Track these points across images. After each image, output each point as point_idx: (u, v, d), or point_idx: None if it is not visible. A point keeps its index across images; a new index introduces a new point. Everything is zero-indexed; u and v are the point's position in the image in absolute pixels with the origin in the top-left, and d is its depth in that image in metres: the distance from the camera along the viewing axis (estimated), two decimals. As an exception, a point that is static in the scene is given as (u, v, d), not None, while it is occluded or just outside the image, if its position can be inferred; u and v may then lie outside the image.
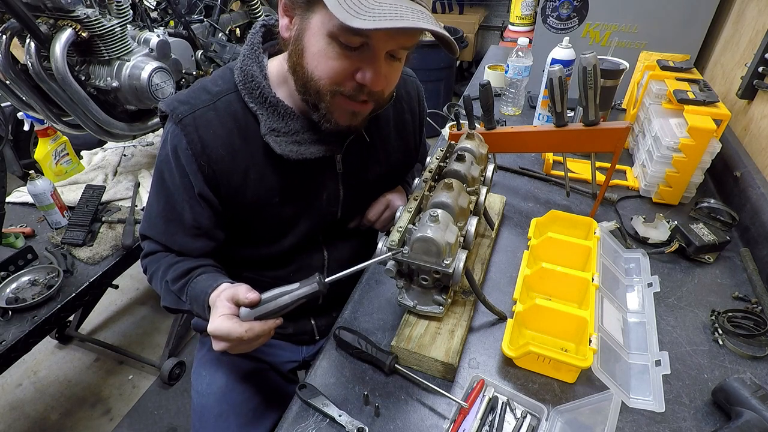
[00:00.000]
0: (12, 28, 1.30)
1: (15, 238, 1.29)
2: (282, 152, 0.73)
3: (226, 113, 0.74)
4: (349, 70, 0.65)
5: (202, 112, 0.73)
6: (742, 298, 0.86)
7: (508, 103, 1.61)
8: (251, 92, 0.73)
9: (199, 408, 0.92)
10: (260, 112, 0.73)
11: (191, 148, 0.73)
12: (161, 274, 0.79)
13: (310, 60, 0.66)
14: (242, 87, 0.74)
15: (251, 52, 0.75)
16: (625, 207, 1.12)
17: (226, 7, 1.98)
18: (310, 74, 0.67)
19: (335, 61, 0.64)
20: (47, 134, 1.55)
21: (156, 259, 0.82)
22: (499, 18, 4.21)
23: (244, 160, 0.76)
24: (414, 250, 0.68)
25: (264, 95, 0.73)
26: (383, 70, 0.66)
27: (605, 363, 0.68)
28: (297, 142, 0.75)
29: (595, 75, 0.86)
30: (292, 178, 0.80)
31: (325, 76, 0.66)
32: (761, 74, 1.12)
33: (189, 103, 0.74)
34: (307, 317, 1.01)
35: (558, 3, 1.53)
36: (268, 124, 0.73)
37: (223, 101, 0.74)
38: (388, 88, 0.72)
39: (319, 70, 0.66)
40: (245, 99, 0.74)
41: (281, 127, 0.74)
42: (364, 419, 0.67)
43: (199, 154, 0.73)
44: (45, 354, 1.96)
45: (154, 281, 0.82)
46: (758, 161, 1.09)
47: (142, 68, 1.40)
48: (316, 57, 0.65)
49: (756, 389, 0.63)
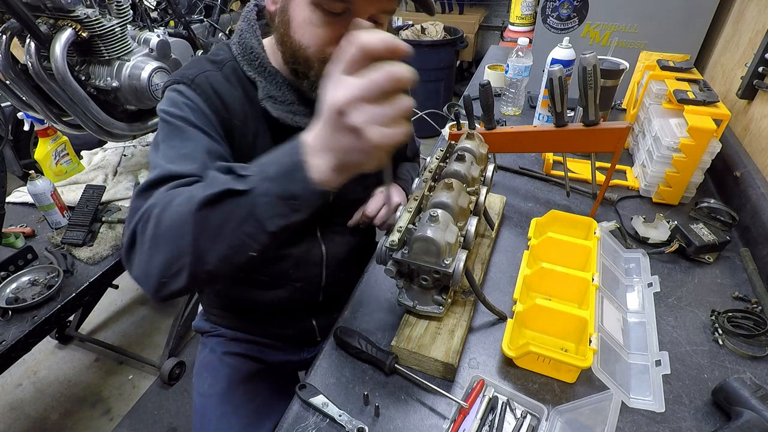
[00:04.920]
0: (12, 28, 1.30)
1: (15, 238, 1.29)
2: (278, 116, 0.74)
3: (234, 77, 0.75)
4: (335, 36, 0.67)
5: (212, 74, 0.73)
6: (742, 298, 0.86)
7: (508, 103, 1.60)
8: (251, 62, 0.75)
9: (201, 409, 0.92)
10: (259, 79, 0.75)
11: (209, 103, 0.70)
12: (191, 189, 0.54)
13: (297, 29, 0.68)
14: (241, 58, 0.76)
15: (249, 27, 0.77)
16: (625, 207, 1.12)
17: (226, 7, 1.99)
18: (298, 43, 0.68)
19: (320, 28, 0.66)
20: (47, 134, 1.55)
21: (175, 191, 0.56)
22: (499, 18, 4.21)
23: (254, 124, 0.76)
24: (414, 250, 0.68)
25: (263, 65, 0.75)
26: None
27: (605, 363, 0.68)
28: (292, 112, 0.76)
29: (595, 75, 0.86)
30: None
31: (312, 44, 0.68)
32: (761, 74, 1.12)
33: (195, 68, 0.73)
34: (309, 318, 1.01)
35: (558, 3, 1.53)
36: (266, 90, 0.75)
37: (227, 67, 0.76)
38: None
39: (306, 38, 0.68)
40: (244, 68, 0.76)
41: (278, 95, 0.75)
42: (364, 419, 0.66)
43: (219, 109, 0.71)
44: (45, 354, 1.96)
45: (174, 202, 0.52)
46: (758, 161, 1.09)
47: (142, 68, 1.40)
48: (301, 26, 0.67)
49: (756, 389, 0.63)
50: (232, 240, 0.49)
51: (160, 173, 0.58)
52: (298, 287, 0.93)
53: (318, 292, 0.97)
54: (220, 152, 0.67)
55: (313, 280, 0.94)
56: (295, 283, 0.92)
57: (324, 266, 0.93)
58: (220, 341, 1.01)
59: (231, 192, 0.48)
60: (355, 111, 0.42)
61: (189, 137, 0.65)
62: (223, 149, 0.69)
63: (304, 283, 0.93)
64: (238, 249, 0.50)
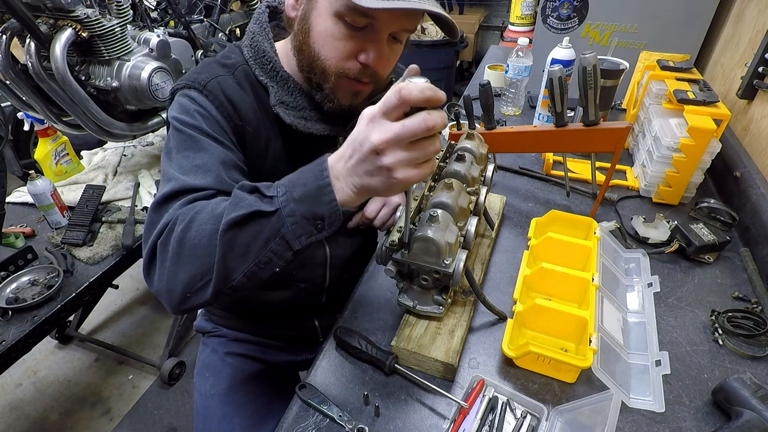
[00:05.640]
0: (12, 28, 1.30)
1: (15, 238, 1.29)
2: (291, 122, 0.74)
3: (246, 81, 0.74)
4: (354, 50, 0.67)
5: (224, 79, 0.72)
6: (742, 298, 0.86)
7: (508, 103, 1.60)
8: (263, 66, 0.74)
9: (203, 410, 0.92)
10: (271, 84, 0.74)
11: (221, 110, 0.69)
12: (212, 206, 0.55)
13: (316, 39, 0.67)
14: (253, 62, 0.74)
15: (261, 29, 0.76)
16: (625, 207, 1.12)
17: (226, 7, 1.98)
18: (316, 54, 0.68)
19: (340, 41, 0.66)
20: (47, 134, 1.55)
21: (195, 205, 0.57)
22: (499, 18, 4.21)
23: (266, 129, 0.75)
24: (414, 251, 0.68)
25: (275, 69, 0.74)
26: (385, 51, 0.68)
27: (605, 363, 0.68)
28: (304, 118, 0.75)
29: (595, 75, 0.86)
30: (300, 157, 0.80)
31: (331, 56, 0.67)
32: (761, 74, 1.12)
33: (207, 72, 0.72)
34: (311, 318, 1.01)
35: (558, 3, 1.53)
36: (278, 96, 0.74)
37: (240, 71, 0.74)
38: (387, 70, 0.73)
39: (326, 49, 0.67)
40: (256, 72, 0.74)
41: (290, 101, 0.74)
42: (364, 419, 0.66)
43: (232, 115, 0.70)
44: (45, 354, 1.96)
45: (197, 219, 0.54)
46: (758, 161, 1.09)
47: (142, 68, 1.40)
48: (322, 36, 0.67)
49: (756, 389, 0.63)
50: (259, 258, 0.52)
51: (176, 186, 0.59)
52: (302, 288, 0.93)
53: (321, 292, 0.97)
54: (234, 161, 0.67)
55: (316, 280, 0.94)
56: (299, 284, 0.92)
57: (328, 267, 0.93)
58: (222, 341, 1.01)
59: (259, 213, 0.51)
60: (389, 153, 0.47)
61: (202, 147, 0.64)
62: (236, 157, 0.68)
63: (307, 284, 0.93)
64: (264, 266, 0.53)
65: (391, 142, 0.46)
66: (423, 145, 0.48)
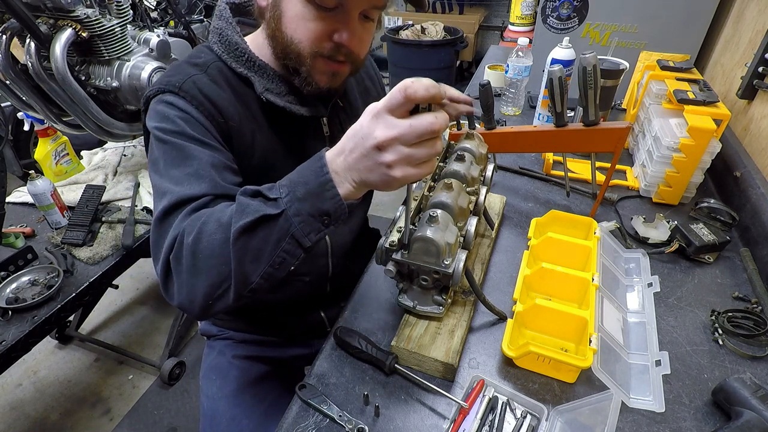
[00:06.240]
0: (12, 28, 1.30)
1: (15, 238, 1.29)
2: (284, 104, 0.74)
3: (221, 78, 0.73)
4: (327, 31, 0.67)
5: (198, 77, 0.70)
6: (742, 298, 0.86)
7: (508, 103, 1.60)
8: (238, 58, 0.74)
9: (210, 412, 0.91)
10: (251, 74, 0.74)
11: (201, 110, 0.68)
12: (217, 214, 0.56)
13: (289, 24, 0.68)
14: (227, 56, 0.74)
15: (228, 24, 0.75)
16: (625, 207, 1.12)
17: (226, 7, 1.98)
18: (290, 38, 0.68)
19: (312, 22, 0.66)
20: (47, 134, 1.55)
21: (198, 215, 0.58)
22: (499, 18, 4.21)
23: (249, 123, 0.75)
24: (414, 251, 0.68)
25: (252, 60, 0.74)
26: (358, 30, 0.69)
27: (605, 363, 0.68)
28: (289, 102, 0.76)
29: (595, 75, 0.86)
30: (289, 142, 0.80)
31: (304, 39, 0.68)
32: (761, 74, 1.12)
33: (180, 74, 0.70)
34: (317, 310, 1.02)
35: (558, 3, 1.53)
36: (262, 83, 0.74)
37: (213, 68, 0.73)
38: (363, 48, 0.73)
39: (298, 33, 0.67)
40: (232, 66, 0.74)
41: (273, 88, 0.75)
42: (364, 419, 0.67)
43: (213, 114, 0.69)
44: (45, 354, 1.96)
45: (206, 230, 0.54)
46: (758, 161, 1.09)
47: (142, 68, 1.40)
48: (293, 20, 0.67)
49: (756, 389, 0.63)
50: (273, 259, 0.54)
51: (173, 199, 0.59)
52: (307, 281, 0.94)
53: (325, 283, 0.98)
54: (224, 162, 0.67)
55: (320, 271, 0.95)
56: (304, 278, 0.93)
57: (330, 256, 0.94)
58: (229, 344, 1.01)
59: (266, 217, 0.52)
60: (391, 150, 0.48)
61: (190, 154, 0.64)
62: (225, 157, 0.68)
63: (312, 276, 0.94)
64: (279, 266, 0.54)
65: (395, 140, 0.47)
66: (425, 146, 0.49)
